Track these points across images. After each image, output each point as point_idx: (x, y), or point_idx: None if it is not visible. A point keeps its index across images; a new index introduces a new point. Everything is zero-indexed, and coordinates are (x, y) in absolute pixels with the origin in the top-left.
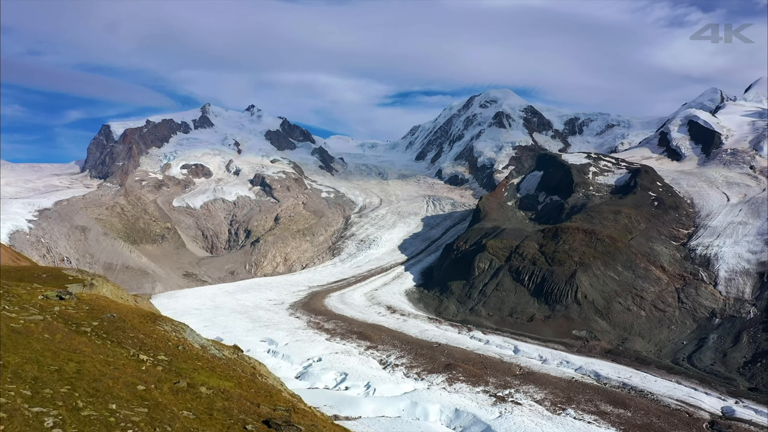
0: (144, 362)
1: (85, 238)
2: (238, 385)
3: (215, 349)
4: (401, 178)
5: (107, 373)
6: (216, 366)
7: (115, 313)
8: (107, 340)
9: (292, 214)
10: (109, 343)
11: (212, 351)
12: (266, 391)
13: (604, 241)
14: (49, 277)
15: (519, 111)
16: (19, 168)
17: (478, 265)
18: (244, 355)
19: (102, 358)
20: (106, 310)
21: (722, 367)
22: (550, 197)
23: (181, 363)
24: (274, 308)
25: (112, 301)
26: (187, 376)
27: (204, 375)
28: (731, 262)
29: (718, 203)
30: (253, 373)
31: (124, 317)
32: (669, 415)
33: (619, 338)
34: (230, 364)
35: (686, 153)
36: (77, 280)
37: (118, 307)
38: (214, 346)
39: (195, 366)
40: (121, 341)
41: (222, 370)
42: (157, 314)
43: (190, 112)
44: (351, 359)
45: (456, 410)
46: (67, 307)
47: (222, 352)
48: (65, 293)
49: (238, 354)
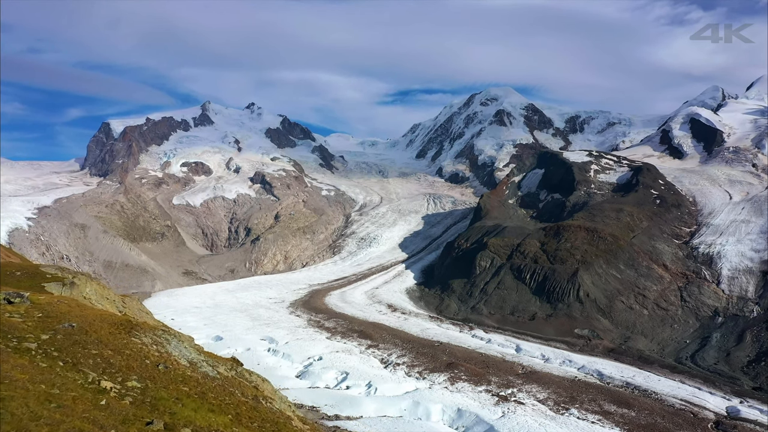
0: (106, 392)
1: (84, 235)
2: (236, 420)
3: (208, 365)
4: (402, 176)
5: (44, 415)
6: (208, 390)
7: (76, 321)
8: (58, 361)
9: (293, 212)
10: (60, 365)
11: (204, 368)
12: (272, 423)
13: (606, 240)
14: (24, 275)
15: (520, 109)
16: (18, 166)
17: (479, 263)
18: (244, 371)
19: (43, 389)
20: (64, 317)
21: (726, 366)
22: (552, 195)
23: (160, 390)
24: (274, 306)
25: (80, 305)
26: (166, 410)
27: (190, 407)
28: (734, 260)
29: (721, 201)
30: (256, 396)
31: (89, 327)
32: (673, 415)
33: (622, 337)
34: (226, 385)
35: (688, 151)
36: (56, 278)
37: (84, 314)
38: (207, 360)
39: (179, 393)
40: (77, 362)
41: (216, 396)
42: (135, 322)
43: (190, 109)
44: (352, 358)
45: (458, 410)
46: (13, 314)
47: (216, 368)
48: (15, 296)
49: (236, 370)
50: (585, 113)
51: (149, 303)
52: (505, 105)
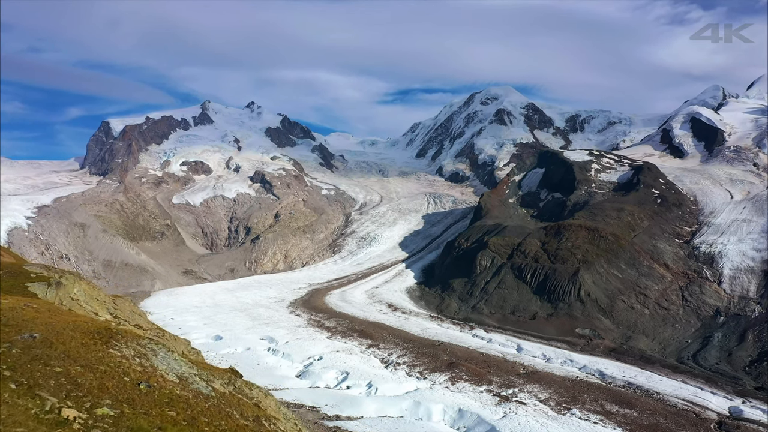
0: (68, 424)
1: (84, 235)
2: None
3: (201, 379)
4: (402, 176)
5: None
6: (200, 414)
7: (41, 330)
8: (9, 383)
9: (293, 211)
10: (11, 389)
11: (196, 384)
12: None
13: (607, 239)
14: (6, 274)
15: (520, 108)
16: (18, 165)
17: (479, 262)
18: (243, 384)
19: None
20: (26, 326)
21: (728, 366)
22: (552, 194)
23: (139, 417)
24: (274, 306)
25: (51, 310)
26: None
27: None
28: (736, 259)
29: (722, 201)
30: (257, 416)
31: (55, 338)
32: (676, 415)
33: (623, 337)
34: (223, 405)
35: (689, 150)
36: (41, 278)
37: (52, 321)
38: (200, 374)
39: (164, 420)
40: (34, 383)
41: (210, 421)
42: (115, 330)
43: (189, 109)
44: (352, 358)
45: (460, 410)
46: None
47: (211, 383)
48: None
49: (234, 384)
50: (585, 112)
51: (149, 302)
52: (506, 104)
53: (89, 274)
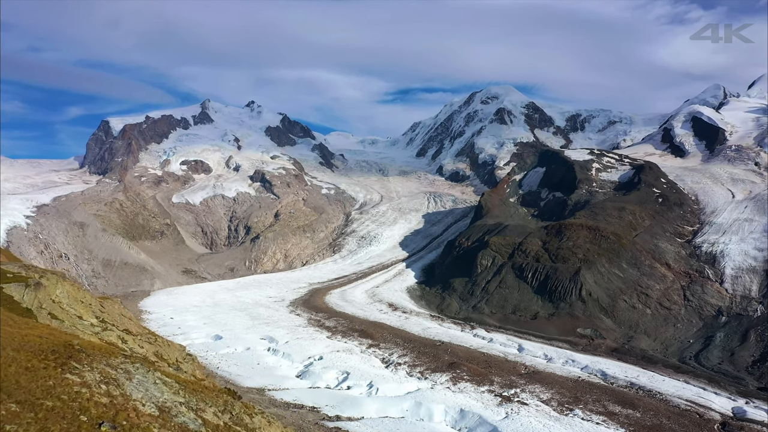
0: None
1: (83, 234)
2: None
3: (188, 409)
4: (402, 175)
5: None
6: None
7: None
8: None
9: (293, 211)
10: None
11: (181, 417)
12: None
13: (608, 238)
14: None
15: (520, 107)
16: (17, 164)
17: (480, 262)
18: (242, 411)
19: None
20: None
21: (730, 366)
22: (553, 194)
23: None
24: (274, 305)
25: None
26: None
27: None
28: (737, 259)
29: (723, 200)
30: None
31: None
32: (679, 416)
33: (625, 336)
34: None
35: (690, 149)
36: (18, 278)
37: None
38: (187, 401)
39: None
40: None
41: None
42: (78, 346)
43: (189, 108)
44: (353, 358)
45: (461, 411)
46: None
47: (202, 413)
48: None
49: (231, 412)
50: (586, 112)
51: (148, 302)
52: (506, 103)
53: (89, 274)
